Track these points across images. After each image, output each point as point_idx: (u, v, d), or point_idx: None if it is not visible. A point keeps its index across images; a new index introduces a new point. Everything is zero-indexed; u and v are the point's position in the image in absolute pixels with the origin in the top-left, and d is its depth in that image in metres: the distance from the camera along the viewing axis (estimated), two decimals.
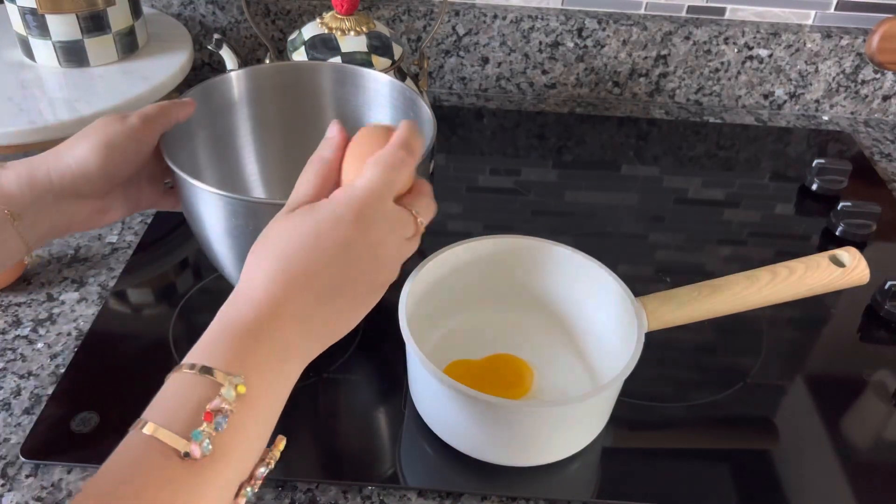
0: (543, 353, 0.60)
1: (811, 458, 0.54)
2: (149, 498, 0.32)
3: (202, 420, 0.33)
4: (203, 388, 0.34)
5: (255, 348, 0.36)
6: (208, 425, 0.33)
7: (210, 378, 0.34)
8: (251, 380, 0.35)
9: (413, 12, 0.94)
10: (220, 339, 0.36)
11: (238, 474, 0.35)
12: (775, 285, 0.55)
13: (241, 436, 0.35)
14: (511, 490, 0.51)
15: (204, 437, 0.33)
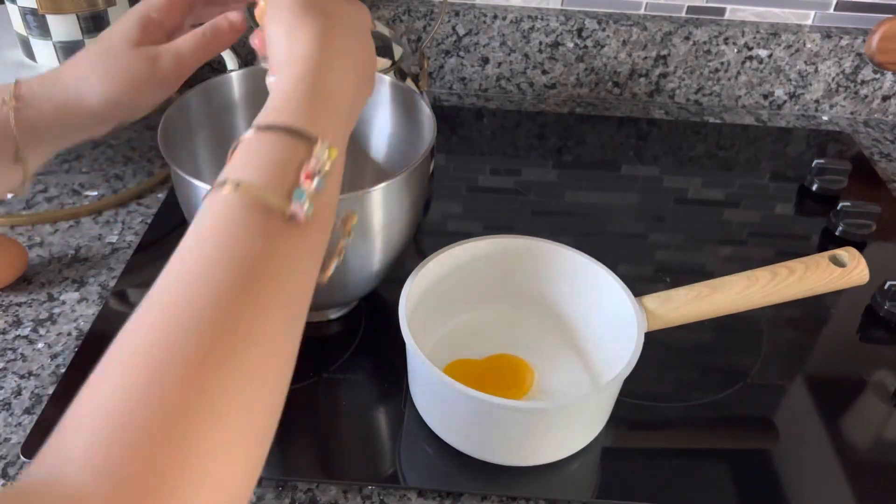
0: (543, 352, 0.60)
1: (811, 458, 0.54)
2: (252, 265, 0.29)
3: (302, 180, 0.31)
4: (292, 148, 0.32)
5: (326, 108, 0.35)
6: (309, 186, 0.31)
7: (296, 138, 0.32)
8: (335, 142, 0.34)
9: (413, 12, 0.94)
10: (292, 101, 0.34)
11: (324, 241, 0.34)
12: (775, 285, 0.55)
13: (331, 199, 0.33)
14: (511, 490, 0.51)
15: (307, 198, 0.31)
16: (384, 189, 0.52)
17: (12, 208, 0.74)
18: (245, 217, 0.30)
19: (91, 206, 0.75)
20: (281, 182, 0.31)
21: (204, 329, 0.27)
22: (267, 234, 0.30)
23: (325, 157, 0.32)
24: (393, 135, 0.66)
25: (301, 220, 0.31)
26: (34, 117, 0.46)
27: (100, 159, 0.82)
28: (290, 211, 0.31)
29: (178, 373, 0.26)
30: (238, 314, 0.28)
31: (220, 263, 0.29)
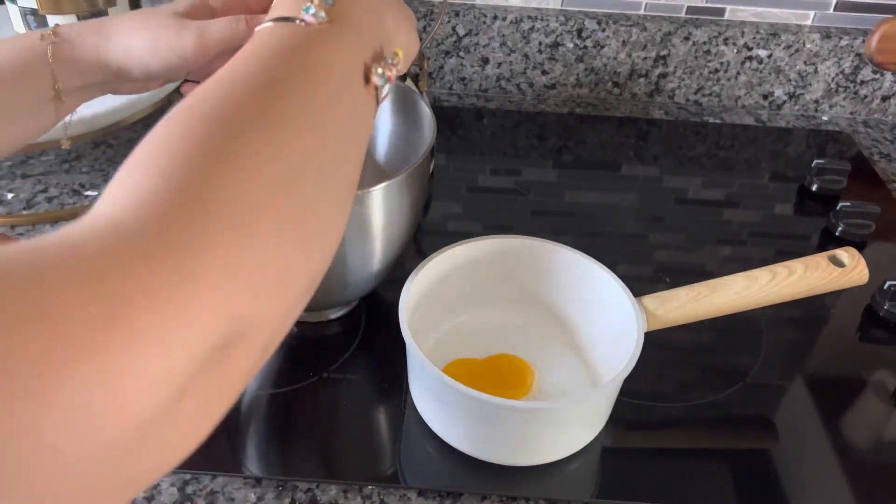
0: (543, 352, 0.60)
1: (811, 457, 0.55)
2: (269, 52, 0.32)
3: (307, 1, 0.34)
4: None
5: None
6: (314, 1, 0.34)
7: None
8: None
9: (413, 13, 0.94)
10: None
11: (359, 51, 0.36)
12: (775, 285, 0.55)
13: (352, 16, 0.36)
14: (511, 490, 0.51)
15: (315, 9, 0.34)
16: (384, 189, 0.52)
17: (12, 208, 0.74)
18: (262, 36, 0.33)
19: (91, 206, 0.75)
20: (291, 6, 0.35)
21: (234, 97, 0.29)
22: (281, 35, 0.33)
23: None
24: (393, 135, 0.66)
25: (313, 23, 0.34)
26: (71, 56, 0.47)
27: (100, 159, 0.82)
28: (300, 17, 0.34)
29: (215, 124, 0.28)
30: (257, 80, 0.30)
31: (238, 61, 0.32)
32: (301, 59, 0.33)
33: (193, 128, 0.27)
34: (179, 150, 0.26)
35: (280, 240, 0.28)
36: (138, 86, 0.52)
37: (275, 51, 0.32)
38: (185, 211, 0.24)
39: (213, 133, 0.27)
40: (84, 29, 0.48)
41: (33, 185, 0.78)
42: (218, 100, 0.29)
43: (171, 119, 0.28)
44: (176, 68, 0.48)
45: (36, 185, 0.77)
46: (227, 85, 0.30)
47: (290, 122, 0.30)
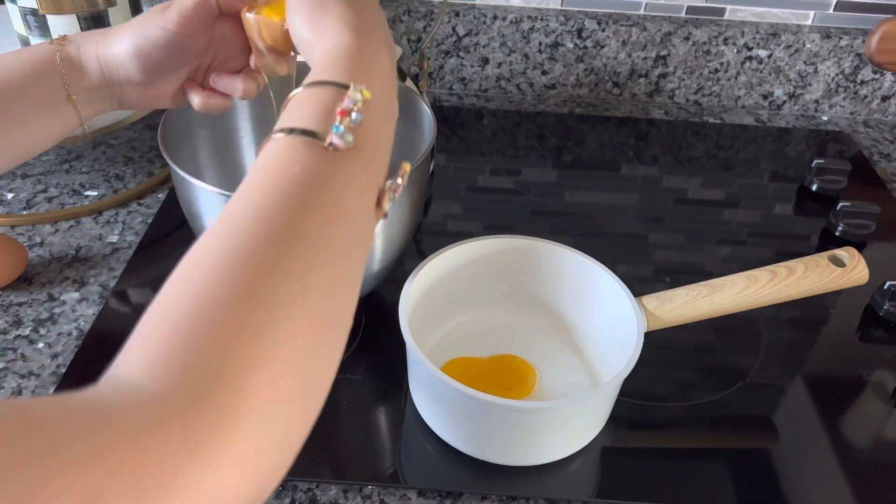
0: (543, 352, 0.60)
1: (811, 457, 0.55)
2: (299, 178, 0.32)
3: (336, 117, 0.35)
4: (328, 95, 0.36)
5: (365, 67, 0.39)
6: (345, 119, 0.35)
7: (332, 87, 0.36)
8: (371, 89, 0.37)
9: (413, 13, 0.94)
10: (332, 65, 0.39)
11: (376, 174, 0.37)
12: (775, 285, 0.55)
13: (372, 136, 0.37)
14: (511, 490, 0.51)
15: (344, 130, 0.34)
16: None
17: (12, 208, 0.74)
18: (285, 151, 0.34)
19: (91, 206, 0.75)
20: (319, 121, 0.35)
21: (250, 241, 0.29)
22: (306, 159, 0.33)
23: (357, 97, 0.36)
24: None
25: (340, 147, 0.34)
26: (77, 59, 0.49)
27: (100, 159, 0.82)
28: (329, 140, 0.34)
29: (230, 280, 0.28)
30: (281, 224, 0.30)
31: (264, 189, 0.32)
32: (327, 196, 0.33)
33: (215, 292, 0.27)
34: (205, 317, 0.27)
35: (302, 410, 0.29)
36: (144, 94, 0.52)
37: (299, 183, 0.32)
38: (217, 394, 0.25)
39: (239, 299, 0.27)
40: (89, 34, 0.50)
41: (33, 185, 0.78)
42: (239, 247, 0.29)
43: (192, 270, 0.29)
44: (167, 45, 0.49)
45: (36, 185, 0.78)
46: (251, 223, 0.30)
47: (316, 281, 0.30)
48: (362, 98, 0.36)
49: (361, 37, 0.41)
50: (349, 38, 0.41)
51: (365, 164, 0.36)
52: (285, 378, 0.27)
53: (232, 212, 0.31)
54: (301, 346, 0.29)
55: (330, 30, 0.42)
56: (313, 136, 0.34)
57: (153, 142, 0.85)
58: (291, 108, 0.37)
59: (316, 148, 0.34)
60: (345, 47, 0.40)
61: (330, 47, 0.41)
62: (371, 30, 0.42)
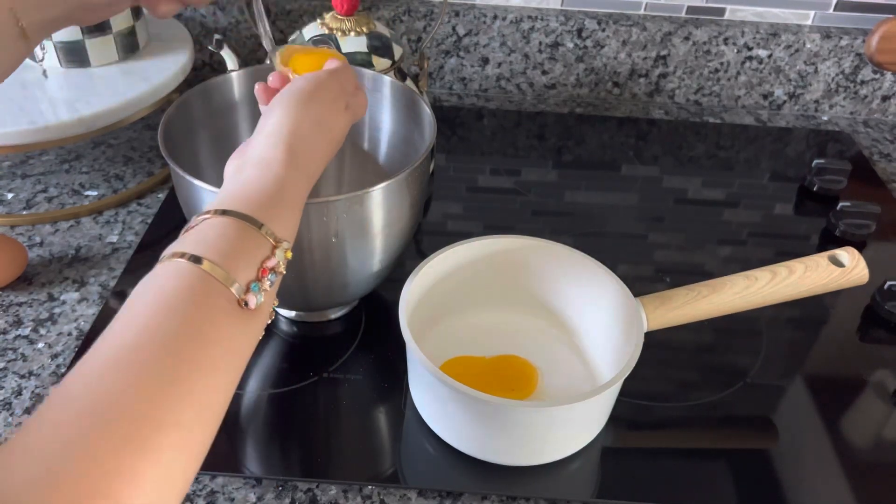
0: (543, 352, 0.60)
1: (811, 457, 0.55)
2: (210, 339, 0.32)
3: (259, 275, 0.35)
4: (255, 242, 0.36)
5: (283, 207, 0.39)
6: (264, 280, 0.35)
7: (262, 235, 0.36)
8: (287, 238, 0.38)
9: (413, 13, 0.94)
10: (260, 200, 0.38)
11: (262, 327, 0.37)
12: (775, 285, 0.55)
13: (274, 292, 0.37)
14: (511, 490, 0.51)
15: (260, 291, 0.34)
16: (384, 189, 0.52)
17: (12, 208, 0.74)
18: (204, 293, 0.33)
19: (91, 206, 0.75)
20: (244, 272, 0.35)
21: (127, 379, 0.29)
22: (221, 313, 0.33)
23: (282, 257, 0.36)
24: (393, 135, 0.66)
25: (252, 308, 0.34)
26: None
27: (100, 159, 0.82)
28: (245, 299, 0.34)
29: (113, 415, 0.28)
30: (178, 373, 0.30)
31: (169, 327, 0.31)
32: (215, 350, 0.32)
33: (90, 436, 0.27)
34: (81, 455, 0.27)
35: (183, 486, 0.30)
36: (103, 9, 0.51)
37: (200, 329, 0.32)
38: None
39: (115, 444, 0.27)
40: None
41: (33, 184, 0.78)
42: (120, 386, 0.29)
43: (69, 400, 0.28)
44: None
45: (36, 185, 0.78)
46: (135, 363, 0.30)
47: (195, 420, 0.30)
48: (284, 259, 0.36)
49: (290, 167, 0.40)
50: (280, 166, 0.40)
51: (261, 321, 0.36)
52: (165, 489, 0.29)
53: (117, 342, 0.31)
54: (179, 462, 0.29)
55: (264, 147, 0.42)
56: (233, 287, 0.33)
57: (153, 142, 0.85)
58: (206, 232, 0.35)
59: (229, 303, 0.34)
60: (274, 179, 0.39)
61: (258, 173, 0.40)
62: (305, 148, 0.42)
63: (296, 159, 0.41)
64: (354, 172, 0.70)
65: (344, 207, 0.51)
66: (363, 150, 0.68)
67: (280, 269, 0.36)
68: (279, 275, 0.36)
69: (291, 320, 0.63)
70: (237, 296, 0.34)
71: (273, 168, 0.40)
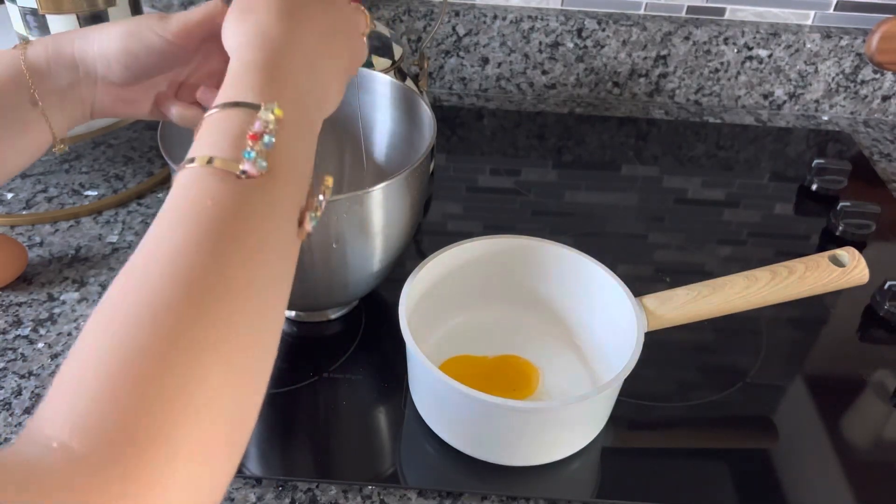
0: (543, 352, 0.60)
1: (811, 458, 0.55)
2: (213, 214, 0.31)
3: (248, 142, 0.33)
4: (240, 118, 0.34)
5: (283, 78, 0.37)
6: (256, 144, 0.33)
7: (245, 108, 0.35)
8: (286, 107, 0.36)
9: (413, 13, 0.94)
10: (244, 76, 0.37)
11: (296, 198, 0.36)
12: (775, 285, 0.55)
13: (289, 159, 0.35)
14: (511, 490, 0.51)
15: (256, 156, 0.33)
16: (384, 189, 0.52)
17: (12, 208, 0.74)
18: (198, 183, 0.32)
19: (91, 206, 0.75)
20: (230, 147, 0.33)
21: (167, 286, 0.29)
22: (219, 192, 0.32)
23: (269, 117, 0.34)
24: (393, 135, 0.66)
25: (254, 175, 0.33)
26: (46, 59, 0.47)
27: (100, 159, 0.82)
28: (241, 168, 0.33)
29: (151, 331, 0.27)
30: (199, 266, 0.29)
31: (176, 226, 0.31)
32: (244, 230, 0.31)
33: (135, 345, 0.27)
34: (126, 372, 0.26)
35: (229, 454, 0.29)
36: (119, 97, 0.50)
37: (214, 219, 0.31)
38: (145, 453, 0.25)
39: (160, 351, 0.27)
40: (64, 33, 0.48)
41: (33, 184, 0.78)
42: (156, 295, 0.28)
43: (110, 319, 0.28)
44: (159, 52, 0.47)
45: (36, 185, 0.78)
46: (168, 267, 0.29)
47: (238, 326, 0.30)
48: (274, 118, 0.34)
49: (277, 44, 0.39)
50: (261, 46, 0.38)
51: (283, 189, 0.34)
52: (211, 430, 0.27)
53: (146, 255, 0.30)
54: (225, 395, 0.28)
55: (245, 39, 0.40)
56: (224, 164, 0.32)
57: (153, 142, 0.85)
58: (203, 132, 0.35)
59: (228, 178, 0.32)
60: (254, 58, 0.38)
61: (240, 59, 0.39)
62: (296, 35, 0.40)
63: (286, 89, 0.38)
64: (354, 172, 0.70)
65: (344, 207, 0.51)
66: (363, 150, 0.68)
67: (271, 128, 0.34)
68: (279, 132, 0.34)
69: (291, 320, 0.63)
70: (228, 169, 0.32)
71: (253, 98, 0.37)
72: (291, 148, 0.36)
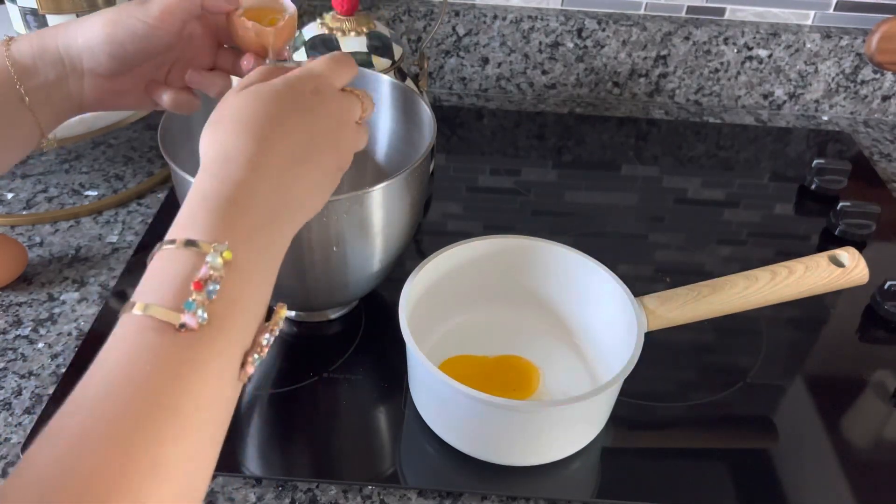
0: (543, 352, 0.60)
1: (811, 458, 0.55)
2: (149, 376, 0.30)
3: (192, 290, 0.32)
4: (188, 261, 0.33)
5: (240, 214, 0.35)
6: (199, 294, 0.32)
7: (194, 249, 0.33)
8: (238, 248, 0.34)
9: (413, 13, 0.94)
10: (199, 210, 0.35)
11: (239, 345, 0.34)
12: (775, 285, 0.55)
13: (236, 305, 0.34)
14: (511, 490, 0.51)
15: (197, 306, 0.31)
16: (384, 189, 0.52)
17: (12, 208, 0.74)
18: (137, 337, 0.31)
19: (91, 206, 0.75)
20: (172, 296, 0.32)
21: (95, 464, 0.28)
22: (158, 351, 0.31)
23: (218, 262, 0.33)
24: (393, 135, 0.66)
25: (193, 328, 0.31)
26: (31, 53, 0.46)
27: (100, 159, 0.82)
28: (181, 320, 0.31)
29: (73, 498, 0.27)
30: (131, 444, 0.29)
31: (109, 393, 0.30)
32: (180, 390, 0.31)
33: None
34: None
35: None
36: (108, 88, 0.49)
37: (150, 388, 0.30)
38: None
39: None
40: (47, 29, 0.48)
41: (33, 184, 0.78)
42: (84, 460, 0.28)
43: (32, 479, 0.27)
44: (143, 37, 0.47)
45: (36, 185, 0.78)
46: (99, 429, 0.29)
47: (173, 478, 0.29)
48: (222, 262, 0.33)
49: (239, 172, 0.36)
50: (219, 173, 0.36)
51: (227, 337, 0.33)
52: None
53: (77, 414, 0.30)
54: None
55: (207, 160, 0.38)
56: (165, 314, 0.31)
57: (153, 142, 0.85)
58: (148, 272, 0.34)
59: (168, 331, 0.31)
60: (210, 188, 0.36)
61: (197, 188, 0.36)
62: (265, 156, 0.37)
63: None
64: (354, 172, 0.70)
65: (344, 207, 0.51)
66: (363, 150, 0.68)
67: (217, 275, 0.32)
68: (225, 279, 0.33)
69: (291, 320, 0.63)
70: (168, 320, 0.31)
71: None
72: (240, 292, 0.34)
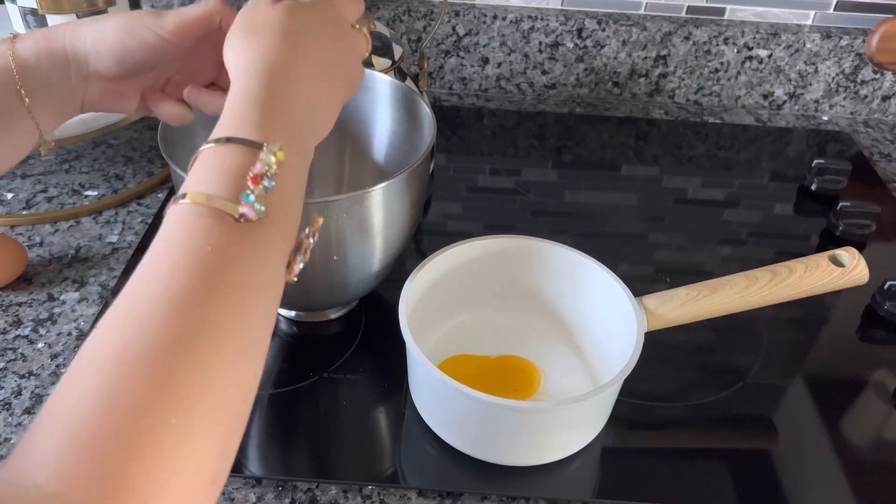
0: (543, 352, 0.60)
1: (811, 458, 0.55)
2: (210, 257, 0.31)
3: (249, 184, 0.33)
4: (241, 157, 0.34)
5: (286, 118, 0.37)
6: (256, 187, 0.33)
7: (244, 146, 0.34)
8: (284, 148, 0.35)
9: (413, 13, 0.94)
10: (249, 111, 0.36)
11: (287, 242, 0.35)
12: (775, 285, 0.55)
13: (285, 202, 0.35)
14: (511, 490, 0.51)
15: (255, 199, 0.32)
16: (384, 189, 0.52)
17: (12, 208, 0.74)
18: (195, 223, 0.32)
19: (91, 206, 0.75)
20: (230, 187, 0.33)
21: (161, 332, 0.28)
22: (217, 236, 0.31)
23: (271, 160, 0.34)
24: (393, 135, 0.66)
25: (252, 218, 0.32)
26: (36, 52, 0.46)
27: (100, 159, 0.82)
28: (240, 211, 0.32)
29: (140, 375, 0.27)
30: (194, 314, 0.29)
31: (174, 270, 0.30)
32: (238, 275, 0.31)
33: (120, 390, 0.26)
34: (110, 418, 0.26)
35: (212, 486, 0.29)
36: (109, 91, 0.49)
37: (209, 265, 0.30)
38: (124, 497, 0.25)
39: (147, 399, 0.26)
40: (54, 27, 0.47)
41: (33, 184, 0.78)
42: (146, 339, 0.28)
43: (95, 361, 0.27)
44: (153, 48, 0.47)
45: (36, 185, 0.78)
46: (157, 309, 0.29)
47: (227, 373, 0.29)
48: (276, 161, 0.34)
49: (279, 76, 0.38)
50: (263, 77, 0.37)
51: (277, 231, 0.34)
52: (196, 479, 0.27)
53: (137, 295, 0.30)
54: (209, 443, 0.28)
55: (247, 65, 0.38)
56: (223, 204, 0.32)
57: (153, 142, 0.85)
58: (199, 166, 0.34)
59: (225, 220, 0.32)
60: (256, 90, 0.37)
61: (242, 89, 0.37)
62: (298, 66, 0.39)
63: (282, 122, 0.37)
64: (354, 172, 0.70)
65: (344, 207, 0.51)
66: (363, 150, 0.68)
67: (273, 171, 0.33)
68: (279, 176, 0.34)
69: (291, 320, 0.63)
70: (226, 211, 0.32)
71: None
72: (288, 190, 0.35)
